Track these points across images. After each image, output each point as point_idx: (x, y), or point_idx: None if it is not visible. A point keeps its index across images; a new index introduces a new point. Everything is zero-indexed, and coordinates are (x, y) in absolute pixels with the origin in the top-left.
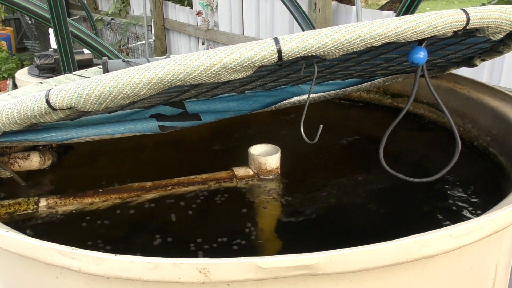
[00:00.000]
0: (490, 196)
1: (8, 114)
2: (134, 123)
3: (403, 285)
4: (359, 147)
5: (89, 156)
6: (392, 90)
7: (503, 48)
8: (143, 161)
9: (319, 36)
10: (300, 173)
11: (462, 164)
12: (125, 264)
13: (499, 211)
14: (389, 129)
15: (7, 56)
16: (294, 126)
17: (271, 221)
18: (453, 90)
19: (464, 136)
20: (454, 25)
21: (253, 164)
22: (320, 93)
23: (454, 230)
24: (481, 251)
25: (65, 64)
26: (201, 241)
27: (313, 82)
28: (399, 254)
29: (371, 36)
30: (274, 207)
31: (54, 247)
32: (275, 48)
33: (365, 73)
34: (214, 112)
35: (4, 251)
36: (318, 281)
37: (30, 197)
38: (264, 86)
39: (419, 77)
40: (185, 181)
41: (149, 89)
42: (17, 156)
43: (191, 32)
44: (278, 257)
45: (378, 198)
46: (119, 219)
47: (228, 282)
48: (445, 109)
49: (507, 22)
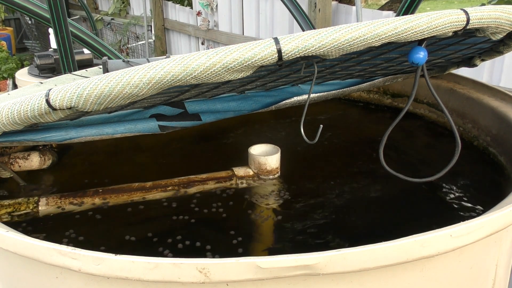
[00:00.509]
0: (490, 196)
1: (8, 114)
2: (134, 123)
3: (403, 285)
4: (359, 147)
5: (89, 156)
6: (392, 90)
7: (503, 48)
8: (143, 161)
9: (319, 36)
10: (300, 173)
11: (462, 164)
12: (125, 264)
13: (499, 211)
14: (389, 129)
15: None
16: (294, 126)
17: (271, 221)
18: (453, 90)
19: (464, 136)
20: (454, 25)
21: (253, 164)
22: (320, 93)
23: (454, 230)
24: (481, 251)
25: (65, 64)
26: (201, 241)
27: (313, 82)
28: (399, 254)
29: (371, 36)
30: (274, 207)
31: (54, 247)
32: (275, 48)
33: (365, 73)
34: (214, 112)
35: (4, 251)
36: (318, 281)
37: (30, 197)
38: (264, 86)
39: (419, 77)
40: (185, 181)
41: (149, 89)
42: (17, 156)
43: (191, 32)
44: (278, 257)
45: (378, 198)
46: (119, 219)
47: (228, 282)
48: (445, 109)
49: (507, 22)
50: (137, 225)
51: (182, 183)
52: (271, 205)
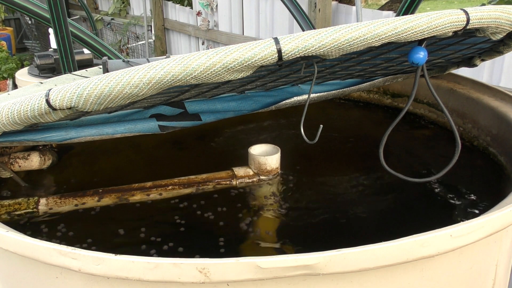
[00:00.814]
0: (490, 196)
1: (8, 114)
2: (134, 123)
3: (403, 285)
4: (359, 147)
5: (89, 156)
6: (392, 90)
7: (503, 48)
8: (143, 161)
9: (319, 36)
10: (300, 173)
11: (462, 164)
12: (125, 264)
13: (499, 211)
14: (389, 129)
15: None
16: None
17: (271, 221)
18: (453, 90)
19: (464, 136)
20: (454, 25)
21: (253, 164)
22: (320, 93)
23: (454, 230)
24: (481, 251)
25: (65, 64)
26: (201, 241)
27: (313, 82)
28: (399, 254)
29: (371, 36)
30: (274, 207)
31: (54, 247)
32: (275, 48)
33: (365, 73)
34: (214, 112)
35: (4, 251)
36: (318, 281)
37: (30, 197)
38: (264, 86)
39: (419, 77)
40: (185, 181)
41: (149, 89)
42: (17, 156)
43: (191, 32)
44: (278, 257)
45: (378, 198)
46: (119, 219)
47: (228, 282)
48: (445, 109)
49: (507, 22)
50: (137, 225)
51: (182, 183)
52: (271, 205)
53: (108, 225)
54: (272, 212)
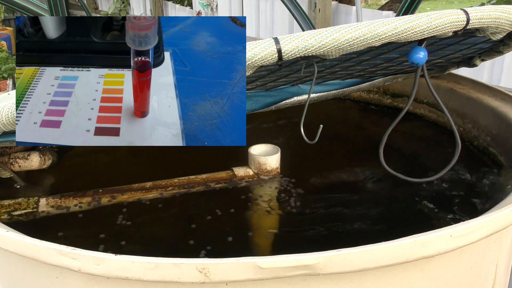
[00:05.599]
0: (490, 196)
1: (8, 114)
2: None
3: (403, 285)
4: (359, 147)
5: (89, 156)
6: (392, 90)
7: (503, 48)
8: (143, 161)
9: (319, 36)
10: (300, 173)
11: (462, 164)
12: (125, 264)
13: (499, 211)
14: (389, 129)
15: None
16: (294, 126)
17: (271, 221)
18: (453, 90)
19: (464, 136)
20: (454, 25)
21: (253, 164)
22: (320, 93)
23: (454, 230)
24: (481, 251)
25: None
26: (201, 241)
27: (313, 82)
28: (399, 254)
29: (371, 36)
30: (274, 207)
31: (54, 247)
32: (275, 48)
33: (365, 73)
34: None
35: (4, 251)
36: (318, 281)
37: (30, 197)
38: (264, 86)
39: (419, 77)
40: (185, 181)
41: None
42: (17, 156)
43: None
44: (278, 257)
45: (378, 198)
46: (119, 219)
47: (228, 282)
48: (445, 109)
49: (507, 22)
50: (137, 225)
51: (182, 183)
52: (271, 205)
53: (108, 225)
54: (272, 212)
